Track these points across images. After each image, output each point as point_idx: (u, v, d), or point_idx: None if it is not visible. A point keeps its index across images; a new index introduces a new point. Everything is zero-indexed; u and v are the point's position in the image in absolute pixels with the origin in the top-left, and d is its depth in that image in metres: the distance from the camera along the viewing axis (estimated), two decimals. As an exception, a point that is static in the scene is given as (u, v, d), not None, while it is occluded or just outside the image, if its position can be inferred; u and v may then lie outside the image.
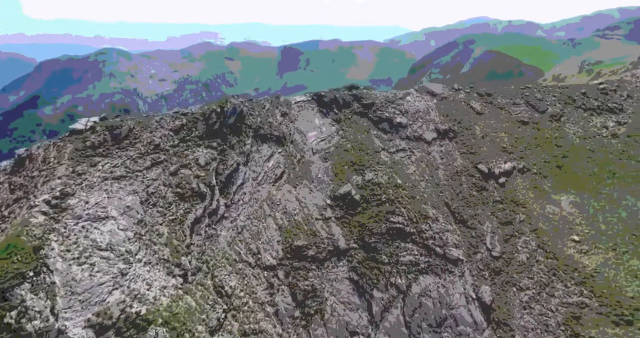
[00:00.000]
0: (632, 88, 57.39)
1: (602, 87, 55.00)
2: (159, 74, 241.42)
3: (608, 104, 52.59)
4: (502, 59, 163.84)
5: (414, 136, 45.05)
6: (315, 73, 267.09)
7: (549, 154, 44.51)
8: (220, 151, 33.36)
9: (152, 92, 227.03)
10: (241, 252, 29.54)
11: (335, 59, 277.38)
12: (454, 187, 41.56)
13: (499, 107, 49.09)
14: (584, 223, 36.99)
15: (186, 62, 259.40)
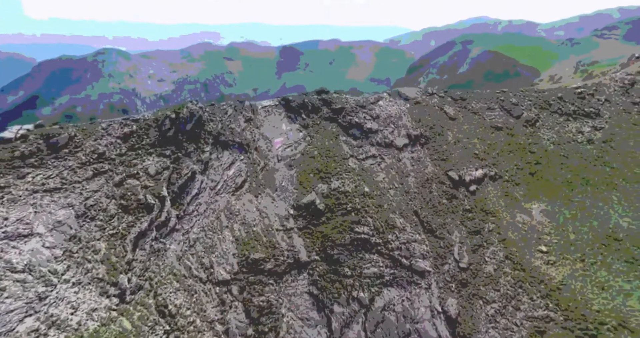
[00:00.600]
0: (610, 92, 57.43)
1: (579, 91, 54.89)
2: (158, 74, 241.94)
3: (585, 109, 52.45)
4: (499, 59, 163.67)
5: (385, 142, 44.22)
6: (314, 73, 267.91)
7: (522, 161, 44.03)
8: (174, 159, 32.06)
9: (151, 93, 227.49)
10: (192, 267, 28.29)
11: (334, 59, 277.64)
12: (424, 195, 40.81)
13: (473, 111, 48.56)
14: (553, 232, 36.45)
15: (185, 62, 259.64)
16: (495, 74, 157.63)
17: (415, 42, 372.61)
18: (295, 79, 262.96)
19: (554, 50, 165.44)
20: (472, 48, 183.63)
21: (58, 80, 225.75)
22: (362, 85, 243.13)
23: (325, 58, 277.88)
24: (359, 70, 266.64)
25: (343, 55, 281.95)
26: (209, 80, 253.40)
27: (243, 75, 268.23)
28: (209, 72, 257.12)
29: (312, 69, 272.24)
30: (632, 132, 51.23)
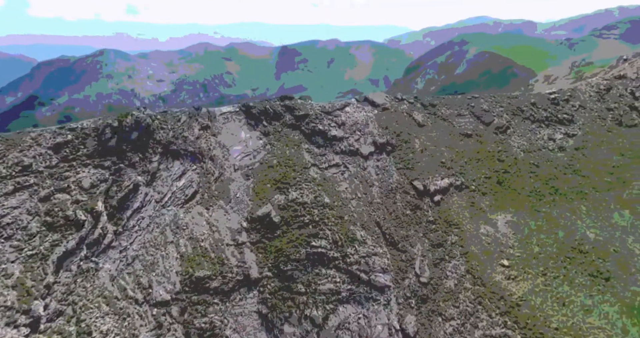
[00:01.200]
0: (585, 98, 57.11)
1: (553, 97, 54.42)
2: (157, 75, 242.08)
3: (558, 115, 51.94)
4: (496, 60, 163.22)
5: (350, 150, 43.03)
6: (313, 73, 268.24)
7: (490, 169, 43.18)
8: (115, 171, 30.42)
9: (150, 93, 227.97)
10: (127, 288, 26.66)
11: (333, 59, 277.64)
12: (388, 206, 39.66)
13: (442, 118, 47.66)
14: (516, 245, 35.54)
15: (184, 63, 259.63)
16: (491, 74, 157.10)
17: (415, 42, 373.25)
18: (294, 79, 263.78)
19: (551, 51, 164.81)
20: (469, 48, 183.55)
21: (56, 81, 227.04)
22: (361, 85, 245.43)
23: (324, 58, 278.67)
24: (358, 70, 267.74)
25: (342, 55, 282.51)
26: (207, 81, 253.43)
27: (242, 75, 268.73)
28: (208, 73, 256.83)
29: (311, 69, 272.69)
30: (606, 138, 50.85)
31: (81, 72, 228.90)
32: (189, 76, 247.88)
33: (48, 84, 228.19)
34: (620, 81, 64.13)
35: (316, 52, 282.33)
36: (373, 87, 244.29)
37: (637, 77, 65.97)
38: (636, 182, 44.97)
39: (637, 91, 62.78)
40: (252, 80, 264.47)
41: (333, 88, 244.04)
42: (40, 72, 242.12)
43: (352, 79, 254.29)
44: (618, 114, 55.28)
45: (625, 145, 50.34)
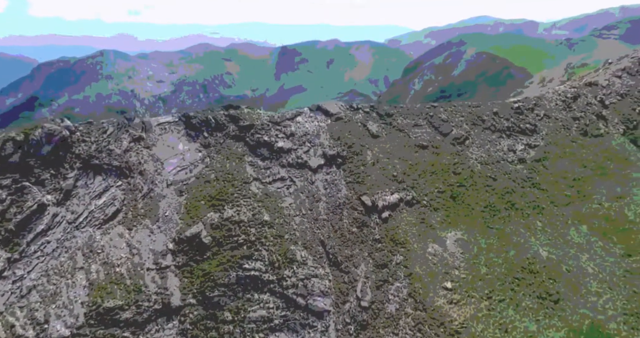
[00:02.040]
0: (551, 106, 56.32)
1: (517, 106, 53.44)
2: (157, 76, 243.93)
3: (520, 125, 50.91)
4: (493, 61, 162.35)
5: (298, 163, 41.16)
6: (312, 74, 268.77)
7: (445, 183, 41.70)
8: (16, 190, 28.00)
9: (149, 94, 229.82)
10: (16, 324, 24.22)
11: (333, 60, 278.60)
12: (334, 223, 37.84)
13: (398, 128, 46.16)
14: (463, 266, 33.98)
15: (184, 63, 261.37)
16: (487, 76, 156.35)
17: (416, 42, 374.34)
18: (293, 80, 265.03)
19: (550, 51, 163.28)
20: (467, 49, 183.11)
21: (56, 81, 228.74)
22: (360, 85, 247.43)
23: (323, 58, 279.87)
24: (358, 71, 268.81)
25: (342, 55, 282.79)
26: (207, 81, 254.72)
27: (242, 76, 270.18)
28: (208, 73, 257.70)
29: (311, 69, 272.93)
30: (569, 149, 49.96)
31: (81, 72, 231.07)
32: (189, 77, 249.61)
33: (48, 84, 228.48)
34: (590, 88, 63.78)
35: (316, 53, 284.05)
36: (373, 87, 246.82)
37: (608, 84, 65.72)
38: (596, 196, 44.04)
39: (607, 99, 62.42)
40: (251, 80, 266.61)
41: (333, 88, 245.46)
42: (41, 73, 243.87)
43: (352, 79, 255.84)
44: (584, 123, 54.59)
45: (589, 156, 49.53)
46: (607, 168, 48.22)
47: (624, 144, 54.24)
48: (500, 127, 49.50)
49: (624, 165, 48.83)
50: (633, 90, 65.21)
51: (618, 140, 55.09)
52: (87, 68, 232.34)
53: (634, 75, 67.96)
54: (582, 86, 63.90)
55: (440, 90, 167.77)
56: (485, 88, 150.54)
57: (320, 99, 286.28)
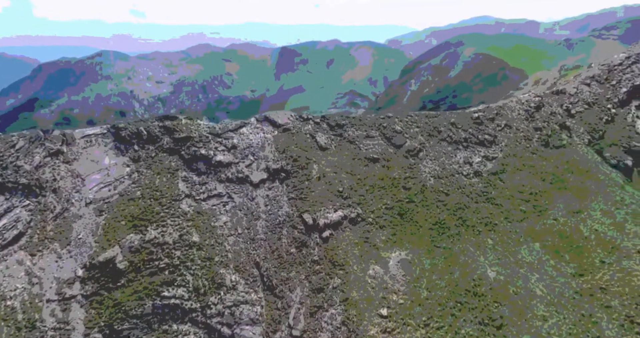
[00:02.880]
0: (513, 116, 55.69)
1: (477, 116, 52.60)
2: (156, 76, 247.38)
3: (479, 136, 49.98)
4: (489, 62, 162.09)
5: (238, 177, 39.27)
6: (312, 74, 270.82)
7: (394, 199, 40.24)
8: None
9: (149, 95, 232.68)
10: None
11: (333, 60, 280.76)
12: (272, 243, 35.92)
13: (349, 140, 44.69)
14: (402, 289, 32.36)
15: (184, 64, 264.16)
16: (483, 77, 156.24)
17: (417, 42, 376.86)
18: (293, 80, 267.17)
19: (549, 51, 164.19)
20: (464, 50, 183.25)
21: (57, 82, 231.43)
22: (360, 86, 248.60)
23: (323, 59, 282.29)
24: (358, 71, 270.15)
25: (342, 55, 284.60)
26: (207, 82, 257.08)
27: (241, 76, 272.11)
28: (207, 74, 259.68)
29: (311, 69, 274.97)
30: (528, 162, 49.17)
31: (80, 73, 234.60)
32: (188, 77, 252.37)
33: (48, 85, 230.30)
34: (557, 97, 63.59)
35: (316, 53, 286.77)
36: (372, 87, 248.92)
37: (576, 92, 65.64)
38: (553, 211, 43.13)
39: (573, 108, 62.22)
40: (251, 81, 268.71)
41: (332, 89, 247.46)
42: (41, 74, 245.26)
43: (352, 79, 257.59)
44: (546, 133, 54.03)
45: (549, 168, 48.80)
46: (566, 181, 47.52)
47: (587, 155, 53.82)
48: (458, 138, 48.46)
49: (584, 178, 48.21)
50: (601, 98, 65.21)
51: (581, 150, 54.68)
52: (86, 69, 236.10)
53: (602, 83, 68.07)
54: (549, 94, 63.69)
55: (436, 91, 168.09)
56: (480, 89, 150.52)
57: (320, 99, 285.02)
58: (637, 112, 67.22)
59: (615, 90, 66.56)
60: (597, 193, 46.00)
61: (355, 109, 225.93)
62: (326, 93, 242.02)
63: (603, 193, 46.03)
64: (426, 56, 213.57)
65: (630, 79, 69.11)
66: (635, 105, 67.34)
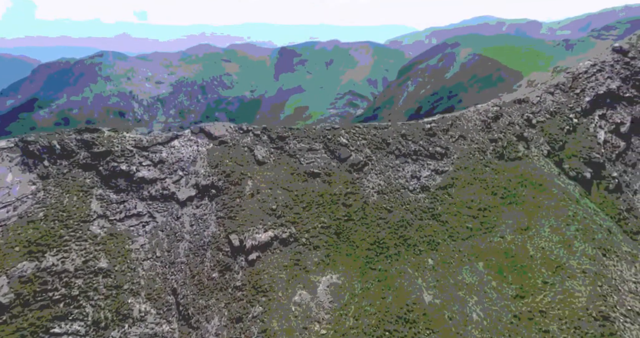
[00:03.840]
0: (469, 127, 55.14)
1: (429, 127, 51.81)
2: (156, 77, 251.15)
3: (430, 148, 49.11)
4: (485, 63, 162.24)
5: (163, 195, 37.12)
6: (311, 74, 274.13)
7: (332, 217, 38.68)
8: None
9: (148, 95, 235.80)
10: None
11: (332, 60, 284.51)
12: (193, 267, 33.79)
13: (290, 154, 43.09)
14: (327, 318, 30.62)
15: (183, 64, 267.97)
16: (479, 78, 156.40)
17: (418, 42, 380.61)
18: (292, 81, 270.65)
19: (548, 52, 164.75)
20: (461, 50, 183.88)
21: (56, 83, 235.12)
22: (359, 86, 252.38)
23: (323, 59, 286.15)
24: (357, 72, 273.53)
25: (341, 56, 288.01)
26: (206, 82, 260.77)
27: (241, 76, 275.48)
28: (207, 74, 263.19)
29: (310, 70, 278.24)
30: (480, 175, 48.45)
31: (80, 74, 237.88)
32: (188, 78, 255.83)
33: (48, 86, 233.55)
34: (519, 106, 63.59)
35: (315, 53, 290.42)
36: (371, 88, 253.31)
37: (539, 101, 65.83)
38: (501, 227, 42.31)
39: (535, 117, 62.26)
40: (251, 81, 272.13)
41: (332, 89, 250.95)
42: (41, 74, 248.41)
43: (351, 80, 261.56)
44: (501, 145, 53.58)
45: (501, 182, 48.16)
46: (518, 195, 46.92)
47: (543, 167, 53.58)
48: (407, 150, 47.44)
49: (537, 192, 47.72)
50: (564, 107, 65.46)
51: (538, 163, 54.44)
52: (86, 69, 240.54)
53: (566, 91, 68.38)
54: (510, 103, 63.61)
55: (432, 93, 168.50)
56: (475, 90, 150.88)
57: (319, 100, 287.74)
58: (600, 121, 67.82)
59: (579, 99, 66.97)
60: (549, 208, 45.48)
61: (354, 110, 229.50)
62: (325, 93, 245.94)
63: (555, 208, 45.55)
64: (423, 57, 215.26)
65: (594, 88, 69.72)
66: (599, 114, 67.90)
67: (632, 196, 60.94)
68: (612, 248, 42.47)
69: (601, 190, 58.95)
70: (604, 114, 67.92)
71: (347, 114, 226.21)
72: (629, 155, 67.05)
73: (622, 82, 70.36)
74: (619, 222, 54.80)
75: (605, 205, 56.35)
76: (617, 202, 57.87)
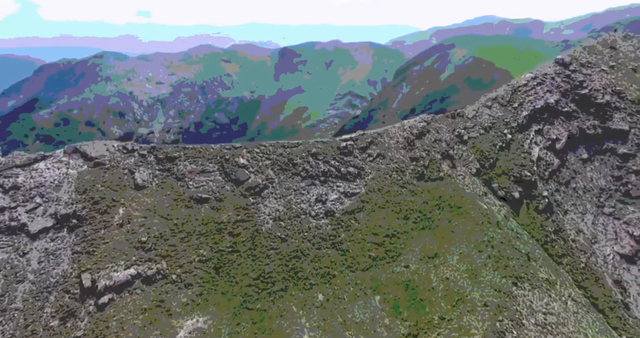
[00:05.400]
0: (390, 144, 53.71)
1: (344, 145, 50.00)
2: (156, 77, 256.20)
3: (342, 168, 47.15)
4: (479, 65, 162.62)
5: (10, 227, 32.99)
6: (311, 75, 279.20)
7: (213, 249, 35.59)
8: None
9: (148, 96, 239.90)
10: None
11: (332, 61, 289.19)
12: (30, 314, 29.68)
13: (177, 176, 39.94)
14: (177, 374, 27.28)
15: (184, 65, 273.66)
16: (473, 79, 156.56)
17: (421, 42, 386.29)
18: (292, 81, 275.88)
19: (546, 53, 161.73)
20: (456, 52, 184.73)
21: (57, 83, 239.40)
22: (359, 87, 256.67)
23: (323, 59, 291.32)
24: (357, 72, 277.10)
25: (341, 56, 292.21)
26: (206, 83, 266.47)
27: (241, 77, 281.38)
28: (207, 75, 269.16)
29: (310, 70, 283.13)
30: (394, 198, 46.75)
31: (80, 74, 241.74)
32: (188, 78, 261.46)
33: (49, 86, 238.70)
34: (453, 120, 63.18)
35: (315, 54, 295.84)
36: (371, 88, 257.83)
37: (475, 115, 65.65)
38: (407, 255, 40.44)
39: (467, 133, 61.89)
40: (251, 82, 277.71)
41: (332, 90, 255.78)
42: (42, 75, 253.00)
43: (351, 80, 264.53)
44: (422, 164, 52.39)
45: (416, 205, 46.61)
46: (433, 219, 45.48)
47: (467, 188, 52.74)
48: (315, 172, 45.25)
49: (453, 216, 46.46)
50: (499, 122, 65.37)
51: (461, 182, 53.61)
52: (86, 70, 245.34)
53: (504, 105, 68.45)
54: (442, 118, 63.07)
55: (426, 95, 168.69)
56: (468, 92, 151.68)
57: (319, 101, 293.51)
58: (536, 137, 68.11)
59: (516, 113, 67.14)
60: (464, 233, 44.20)
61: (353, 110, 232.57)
62: (325, 94, 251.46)
63: (470, 233, 44.32)
64: (420, 58, 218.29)
65: (532, 102, 70.08)
66: (535, 129, 68.23)
67: (562, 216, 61.10)
68: (526, 276, 41.40)
69: (530, 211, 58.79)
70: (541, 129, 68.44)
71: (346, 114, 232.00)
72: (563, 173, 67.70)
73: (561, 95, 71.25)
74: (545, 245, 54.46)
75: (533, 226, 56.03)
76: (546, 223, 57.74)
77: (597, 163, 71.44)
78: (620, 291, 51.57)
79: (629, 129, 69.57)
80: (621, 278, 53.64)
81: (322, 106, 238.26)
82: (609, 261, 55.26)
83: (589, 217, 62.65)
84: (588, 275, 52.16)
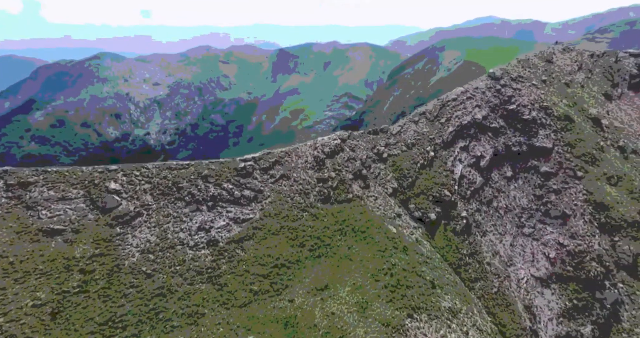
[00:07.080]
0: (298, 164, 52.04)
1: (242, 166, 47.71)
2: (153, 78, 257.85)
3: (236, 192, 44.68)
4: (468, 67, 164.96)
5: None
6: (308, 76, 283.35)
7: (54, 290, 31.55)
8: None
9: (145, 97, 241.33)
10: None
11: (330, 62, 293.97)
12: None
13: (28, 205, 35.77)
14: None
15: (181, 66, 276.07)
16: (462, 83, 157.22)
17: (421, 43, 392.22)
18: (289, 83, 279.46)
19: None
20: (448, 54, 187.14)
21: (54, 84, 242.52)
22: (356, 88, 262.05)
23: (320, 61, 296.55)
24: (354, 73, 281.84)
25: (339, 57, 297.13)
26: (203, 84, 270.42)
27: (239, 78, 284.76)
28: (204, 76, 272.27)
29: (307, 72, 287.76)
30: (291, 223, 44.76)
31: (77, 75, 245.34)
32: (185, 79, 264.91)
33: (46, 87, 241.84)
34: (374, 137, 62.65)
35: (313, 55, 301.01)
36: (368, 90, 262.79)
37: (400, 131, 65.32)
38: (295, 288, 38.27)
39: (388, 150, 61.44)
40: (248, 83, 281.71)
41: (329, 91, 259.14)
42: (39, 76, 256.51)
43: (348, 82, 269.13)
44: (330, 185, 51.05)
45: (316, 231, 44.87)
46: (332, 245, 43.83)
47: (377, 210, 51.77)
48: (203, 196, 42.54)
49: (355, 241, 45.07)
50: (424, 139, 65.14)
51: (375, 204, 52.67)
52: (84, 71, 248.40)
53: (432, 120, 68.34)
54: (363, 135, 62.39)
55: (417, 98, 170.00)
56: None
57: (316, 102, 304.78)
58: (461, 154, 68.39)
59: (442, 129, 67.08)
60: (363, 260, 42.76)
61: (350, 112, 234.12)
62: (322, 95, 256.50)
63: (370, 260, 42.95)
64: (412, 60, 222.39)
65: (460, 117, 70.06)
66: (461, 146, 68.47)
67: (480, 238, 61.32)
68: (425, 306, 40.27)
69: (447, 232, 58.59)
70: (466, 145, 68.63)
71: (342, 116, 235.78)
72: (486, 192, 68.35)
73: (490, 111, 71.79)
74: (459, 269, 54.19)
75: (447, 249, 55.76)
76: (462, 246, 57.63)
77: (520, 181, 72.40)
78: (529, 317, 51.86)
79: (552, 146, 70.54)
80: (532, 304, 54.03)
81: (319, 107, 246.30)
82: (522, 285, 55.75)
83: (507, 238, 63.36)
84: (499, 301, 52.17)
